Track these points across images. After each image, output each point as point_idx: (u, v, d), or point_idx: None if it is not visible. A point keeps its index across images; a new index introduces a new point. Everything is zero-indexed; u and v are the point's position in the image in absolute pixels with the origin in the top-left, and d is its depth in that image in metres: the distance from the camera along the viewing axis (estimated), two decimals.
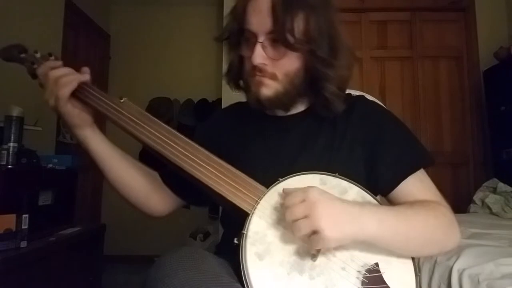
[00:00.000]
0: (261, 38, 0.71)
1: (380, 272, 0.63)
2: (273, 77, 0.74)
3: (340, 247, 0.62)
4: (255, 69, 0.73)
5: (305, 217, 0.57)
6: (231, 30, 0.78)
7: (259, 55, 0.71)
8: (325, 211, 0.57)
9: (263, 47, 0.72)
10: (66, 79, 0.74)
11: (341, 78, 0.76)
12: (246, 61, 0.76)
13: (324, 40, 0.72)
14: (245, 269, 0.60)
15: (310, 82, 0.76)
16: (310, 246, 0.59)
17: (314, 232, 0.57)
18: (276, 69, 0.73)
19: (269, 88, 0.74)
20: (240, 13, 0.74)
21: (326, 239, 0.56)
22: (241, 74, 0.80)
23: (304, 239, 0.59)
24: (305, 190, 0.60)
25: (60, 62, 0.79)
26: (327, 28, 0.73)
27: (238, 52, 0.78)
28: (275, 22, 0.69)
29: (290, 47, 0.71)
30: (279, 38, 0.70)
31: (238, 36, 0.76)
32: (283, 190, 0.66)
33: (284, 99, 0.76)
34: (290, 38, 0.69)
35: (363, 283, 0.61)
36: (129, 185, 0.85)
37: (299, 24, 0.70)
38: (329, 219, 0.57)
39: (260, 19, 0.71)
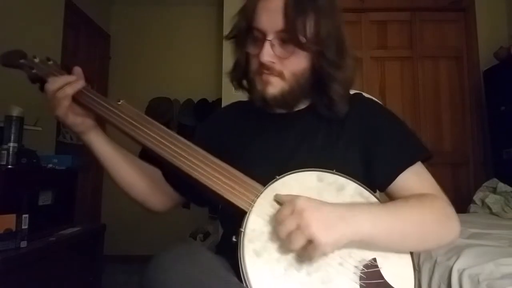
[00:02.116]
0: (270, 37, 0.73)
1: (378, 267, 0.63)
2: (280, 75, 0.75)
3: None
4: (263, 67, 0.74)
5: (297, 227, 0.57)
6: (239, 28, 0.79)
7: (268, 53, 0.73)
8: (314, 217, 0.57)
9: (272, 46, 0.73)
10: (60, 94, 0.75)
11: (347, 80, 0.78)
12: (253, 59, 0.77)
13: (332, 42, 0.74)
14: (243, 266, 0.61)
15: (316, 82, 0.77)
16: (309, 257, 0.60)
17: (309, 242, 0.57)
18: (283, 67, 0.74)
19: (275, 87, 0.75)
20: (249, 12, 0.75)
21: (321, 246, 0.56)
22: (245, 72, 0.81)
23: (300, 252, 0.59)
24: (292, 201, 0.60)
25: (62, 74, 0.79)
26: (335, 31, 0.75)
27: (244, 50, 0.79)
28: (287, 22, 0.71)
29: (300, 46, 0.72)
30: (291, 37, 0.72)
31: (245, 35, 0.77)
32: (275, 197, 0.66)
33: (289, 98, 0.77)
34: (301, 37, 0.71)
35: (361, 278, 0.62)
36: (131, 183, 0.86)
37: (310, 25, 0.72)
38: (320, 224, 0.57)
39: (270, 18, 0.72)
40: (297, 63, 0.75)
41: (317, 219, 0.57)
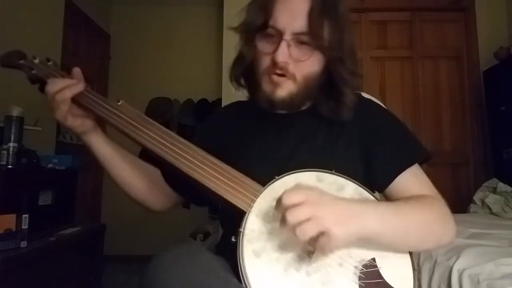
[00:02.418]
0: (287, 37, 0.72)
1: (377, 267, 0.63)
2: (292, 77, 0.74)
3: None
4: (276, 66, 0.73)
5: (309, 219, 0.55)
6: (252, 23, 0.76)
7: (284, 53, 0.71)
8: (328, 210, 0.57)
9: (288, 46, 0.72)
10: (60, 97, 0.74)
11: (358, 87, 0.79)
12: (264, 57, 0.75)
13: (350, 49, 0.76)
14: (242, 266, 0.61)
15: (326, 87, 0.78)
16: (320, 250, 0.58)
17: (321, 234, 0.56)
18: (296, 70, 0.74)
19: (284, 89, 0.75)
20: (267, 8, 0.74)
21: (334, 239, 0.56)
22: (248, 69, 0.80)
23: (310, 242, 0.57)
24: (305, 191, 0.59)
25: (59, 75, 0.79)
26: (351, 39, 0.77)
27: (254, 47, 0.77)
28: (311, 25, 0.71)
29: (323, 50, 0.73)
30: (313, 40, 0.71)
31: (258, 31, 0.75)
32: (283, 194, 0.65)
33: (296, 100, 0.77)
34: (325, 41, 0.72)
35: (360, 278, 0.62)
36: (131, 183, 0.86)
37: (333, 31, 0.73)
38: (334, 218, 0.57)
39: (290, 18, 0.72)
40: (310, 66, 0.74)
41: (332, 213, 0.57)
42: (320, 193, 0.60)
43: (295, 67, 0.73)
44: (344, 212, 0.59)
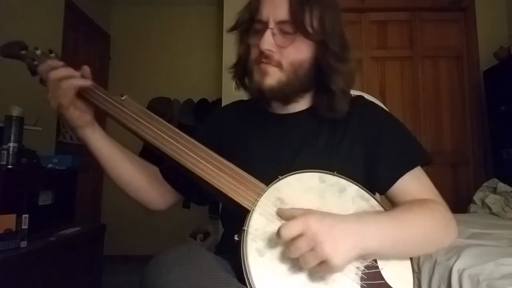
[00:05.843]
0: (271, 25, 0.73)
1: (378, 268, 0.64)
2: (279, 65, 0.75)
3: None
4: (262, 55, 0.75)
5: (311, 250, 0.56)
6: (242, 20, 0.80)
7: (268, 41, 0.73)
8: (328, 239, 0.56)
9: (273, 34, 0.74)
10: (67, 84, 0.73)
11: (349, 74, 0.78)
12: (253, 49, 0.78)
13: (336, 36, 0.76)
14: (246, 265, 0.61)
15: (317, 76, 0.78)
16: (322, 275, 0.60)
17: (322, 262, 0.57)
18: (282, 57, 0.75)
19: (272, 77, 0.75)
20: (254, 5, 0.77)
21: (335, 267, 0.57)
22: (247, 67, 0.81)
23: (313, 269, 0.59)
24: (303, 220, 0.58)
25: (61, 63, 0.79)
26: (338, 26, 0.77)
27: (246, 42, 0.79)
28: (292, 12, 0.72)
29: (306, 35, 0.73)
30: (296, 26, 0.72)
31: (248, 27, 0.78)
32: (278, 211, 0.65)
33: (286, 90, 0.77)
34: (307, 26, 0.73)
35: (362, 279, 0.62)
36: (128, 181, 0.85)
37: (315, 17, 0.74)
38: (334, 246, 0.57)
39: (273, 8, 0.74)
40: (296, 53, 0.75)
41: (331, 241, 0.57)
42: (319, 219, 0.58)
43: (281, 54, 0.75)
44: (344, 237, 0.58)
